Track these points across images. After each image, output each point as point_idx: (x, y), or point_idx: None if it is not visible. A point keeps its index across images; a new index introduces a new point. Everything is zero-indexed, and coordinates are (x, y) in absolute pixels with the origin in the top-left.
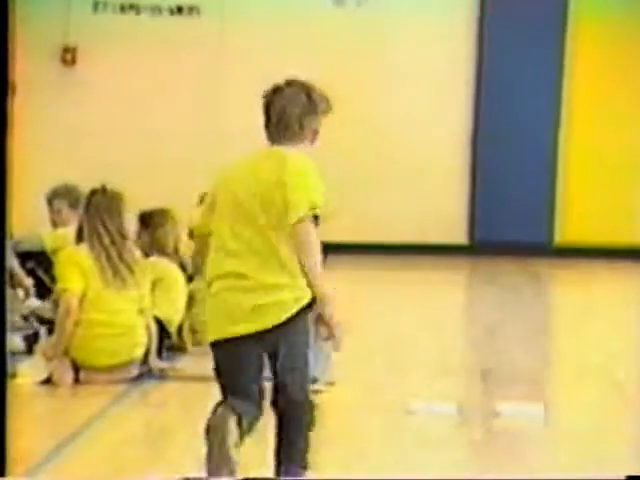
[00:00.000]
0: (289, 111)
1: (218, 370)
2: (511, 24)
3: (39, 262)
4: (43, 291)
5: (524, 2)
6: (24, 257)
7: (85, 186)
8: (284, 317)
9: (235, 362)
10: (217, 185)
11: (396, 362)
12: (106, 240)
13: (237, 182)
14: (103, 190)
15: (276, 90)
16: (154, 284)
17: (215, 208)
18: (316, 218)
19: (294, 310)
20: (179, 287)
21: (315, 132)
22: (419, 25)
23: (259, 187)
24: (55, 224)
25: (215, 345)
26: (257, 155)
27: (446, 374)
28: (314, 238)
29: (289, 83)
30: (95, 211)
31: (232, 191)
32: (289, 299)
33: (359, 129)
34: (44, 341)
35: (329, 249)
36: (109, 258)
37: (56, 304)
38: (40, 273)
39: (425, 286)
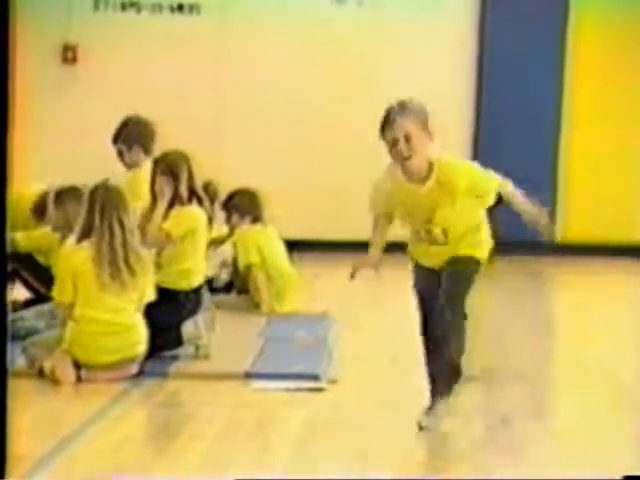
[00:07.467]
0: None
1: None
2: (512, 23)
3: (25, 264)
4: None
5: (525, 0)
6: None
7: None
8: None
9: None
10: None
11: (399, 360)
12: (109, 237)
13: None
14: (105, 186)
15: None
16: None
17: None
18: None
19: None
20: None
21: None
22: (419, 25)
23: None
24: (57, 225)
25: None
26: None
27: None
28: None
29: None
30: (99, 208)
31: None
32: None
33: (359, 128)
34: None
35: (332, 247)
36: (113, 255)
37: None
38: (25, 274)
39: None
